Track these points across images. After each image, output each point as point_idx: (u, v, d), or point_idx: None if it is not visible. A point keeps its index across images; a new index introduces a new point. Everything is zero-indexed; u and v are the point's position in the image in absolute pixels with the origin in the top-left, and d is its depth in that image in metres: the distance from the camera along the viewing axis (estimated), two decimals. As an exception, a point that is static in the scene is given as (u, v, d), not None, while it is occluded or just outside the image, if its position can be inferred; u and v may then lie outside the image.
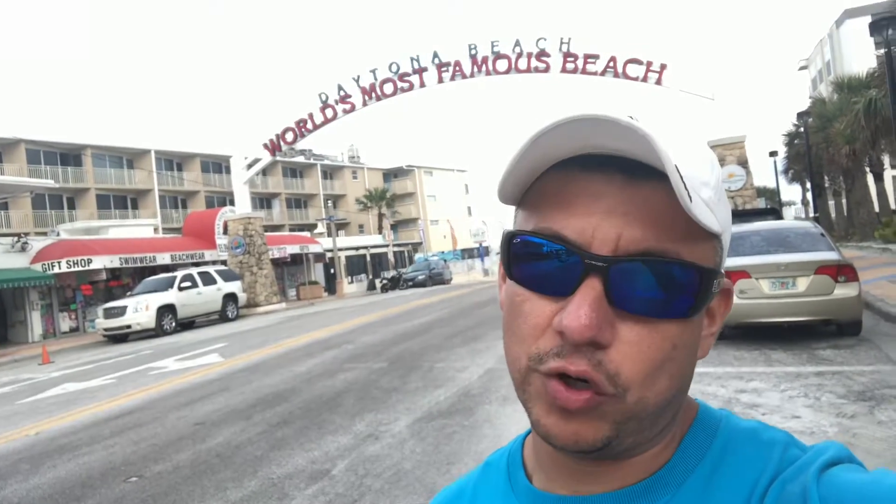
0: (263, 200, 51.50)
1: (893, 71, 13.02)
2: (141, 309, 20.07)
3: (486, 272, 43.01)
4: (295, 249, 34.81)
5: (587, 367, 0.49)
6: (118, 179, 42.69)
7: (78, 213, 39.62)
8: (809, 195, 31.00)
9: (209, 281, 23.20)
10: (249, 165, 28.55)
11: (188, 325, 22.44)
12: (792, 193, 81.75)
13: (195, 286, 22.38)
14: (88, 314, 26.15)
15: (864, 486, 0.46)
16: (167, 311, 20.82)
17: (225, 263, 28.37)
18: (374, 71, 25.70)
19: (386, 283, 37.65)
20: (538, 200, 0.55)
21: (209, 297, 22.97)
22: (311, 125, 26.70)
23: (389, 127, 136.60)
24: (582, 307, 0.49)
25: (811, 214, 28.51)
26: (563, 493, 0.58)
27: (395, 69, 25.51)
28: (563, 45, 23.34)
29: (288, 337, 14.94)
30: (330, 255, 38.20)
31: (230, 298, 24.04)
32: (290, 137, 27.12)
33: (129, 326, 19.98)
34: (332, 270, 38.43)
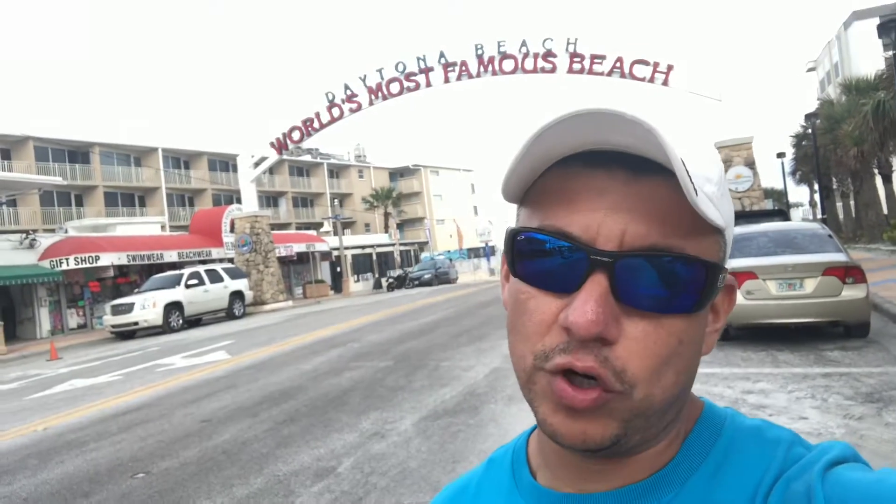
0: (270, 199, 51.61)
1: (903, 72, 12.92)
2: (148, 306, 20.18)
3: (492, 271, 42.96)
4: (301, 248, 34.92)
5: (594, 363, 0.49)
6: (126, 177, 42.87)
7: (86, 210, 39.82)
8: (817, 197, 30.82)
9: (216, 279, 23.29)
10: (256, 164, 28.61)
11: (195, 322, 22.52)
12: (799, 195, 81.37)
13: (202, 284, 22.47)
14: (96, 311, 26.30)
15: (868, 485, 0.46)
16: (174, 308, 20.92)
17: (232, 261, 28.47)
18: (380, 70, 25.69)
19: (392, 281, 37.66)
20: (541, 198, 0.54)
21: (216, 294, 23.07)
22: (317, 124, 26.73)
23: (396, 126, 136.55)
24: (588, 303, 0.48)
25: (819, 216, 28.35)
26: (567, 490, 0.58)
27: (401, 69, 25.49)
28: (569, 45, 23.27)
29: (294, 335, 14.98)
30: (336, 253, 38.29)
31: (237, 296, 24.12)
32: (296, 136, 27.15)
33: (136, 323, 20.11)
34: (338, 269, 38.50)
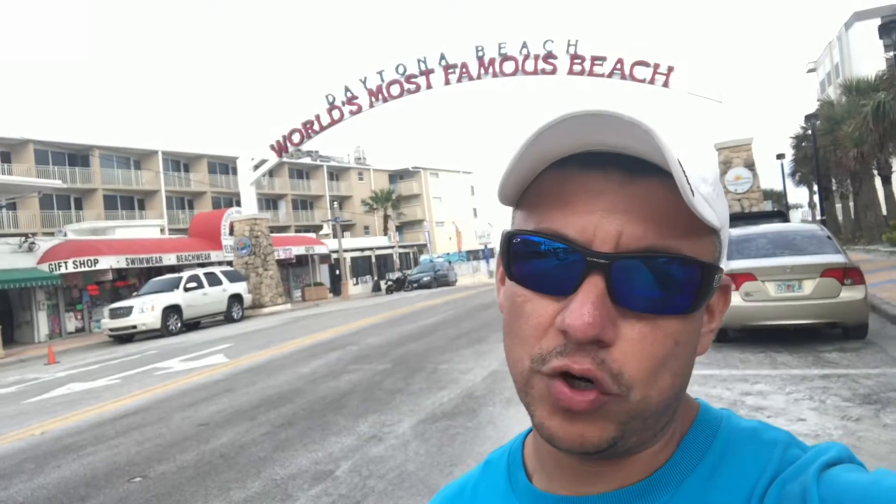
0: (269, 201, 51.64)
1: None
2: (147, 309, 20.15)
3: (491, 274, 42.98)
4: (300, 250, 34.90)
5: (591, 365, 0.49)
6: (125, 180, 42.88)
7: (85, 213, 39.80)
8: (816, 198, 30.82)
9: (215, 282, 23.27)
10: (256, 166, 28.61)
11: (194, 325, 22.50)
12: (799, 196, 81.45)
13: (201, 287, 22.45)
14: (94, 314, 26.27)
15: (864, 486, 0.46)
16: (173, 311, 20.89)
17: (231, 264, 28.45)
18: (380, 72, 25.71)
19: (391, 284, 37.65)
20: (537, 200, 0.54)
21: (215, 297, 23.04)
22: (317, 126, 26.74)
23: (396, 128, 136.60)
24: (585, 305, 0.48)
25: (818, 217, 28.35)
26: (563, 493, 0.58)
27: (401, 71, 25.50)
28: (570, 46, 23.29)
29: (293, 338, 14.97)
30: (335, 256, 38.27)
31: (235, 299, 24.10)
32: (296, 139, 27.16)
33: (134, 327, 20.07)
34: (337, 272, 38.48)
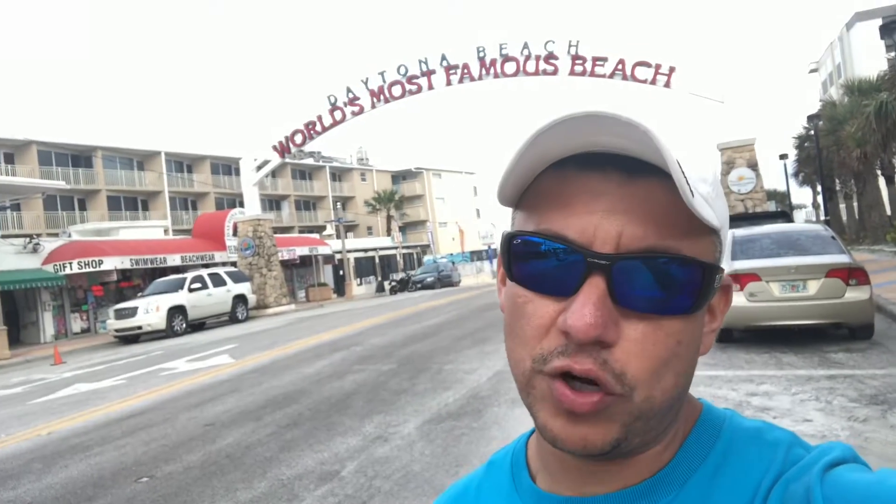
0: (273, 202, 51.70)
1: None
2: (151, 310, 20.20)
3: (494, 274, 42.69)
4: (304, 251, 34.92)
5: (593, 366, 0.49)
6: (129, 181, 42.96)
7: (89, 214, 39.88)
8: (820, 198, 30.77)
9: (219, 282, 23.31)
10: (259, 167, 28.67)
11: (198, 326, 22.55)
12: (802, 196, 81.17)
13: (205, 287, 22.50)
14: (100, 315, 26.34)
15: (867, 485, 0.46)
16: (177, 312, 20.94)
17: (235, 265, 28.50)
18: (382, 73, 25.74)
19: (395, 285, 37.64)
20: (536, 201, 0.54)
21: (219, 298, 23.09)
22: (319, 127, 26.78)
23: (398, 129, 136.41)
24: (586, 306, 0.48)
25: (822, 217, 28.29)
26: (567, 493, 0.58)
27: (403, 71, 25.52)
28: (571, 47, 23.28)
29: (297, 338, 14.98)
30: (339, 256, 38.28)
31: (240, 300, 24.15)
32: (299, 139, 27.20)
33: (139, 327, 20.12)
34: (340, 272, 38.49)
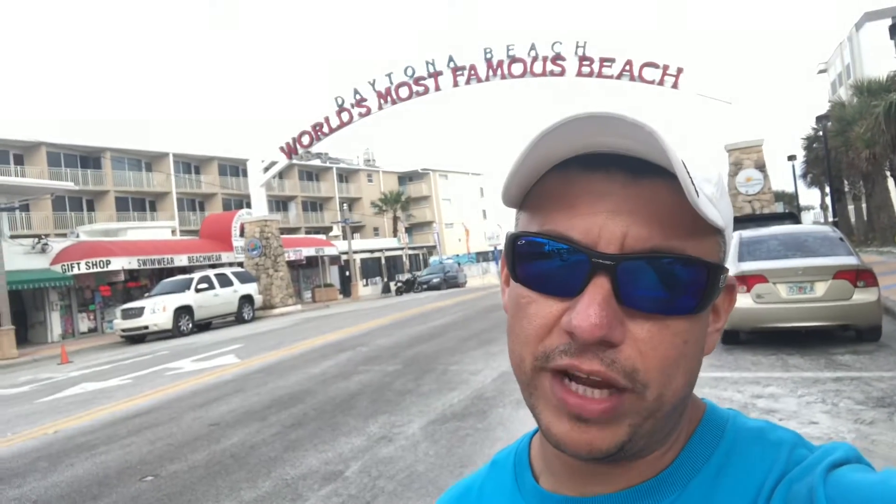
0: (280, 203, 51.80)
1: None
2: (158, 310, 20.27)
3: (499, 275, 42.91)
4: (310, 252, 35.01)
5: (601, 366, 0.49)
6: (137, 182, 43.15)
7: (97, 214, 40.08)
8: (828, 199, 30.60)
9: (226, 283, 23.37)
10: (266, 168, 28.75)
11: (205, 326, 22.60)
12: (810, 198, 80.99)
13: (212, 288, 22.56)
14: (107, 315, 26.47)
15: (871, 486, 0.45)
16: (184, 312, 21.01)
17: (241, 265, 28.57)
18: (389, 75, 25.77)
19: (400, 285, 37.68)
20: (540, 202, 0.54)
21: (225, 298, 23.15)
22: (327, 128, 26.82)
23: (405, 130, 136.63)
24: (591, 306, 0.48)
25: (830, 219, 28.13)
26: (570, 494, 0.58)
27: (410, 73, 25.55)
28: (578, 48, 23.24)
29: (303, 339, 15.01)
30: (345, 257, 38.36)
31: (246, 300, 24.20)
32: (306, 141, 27.26)
33: (146, 327, 20.20)
34: (347, 273, 38.56)
